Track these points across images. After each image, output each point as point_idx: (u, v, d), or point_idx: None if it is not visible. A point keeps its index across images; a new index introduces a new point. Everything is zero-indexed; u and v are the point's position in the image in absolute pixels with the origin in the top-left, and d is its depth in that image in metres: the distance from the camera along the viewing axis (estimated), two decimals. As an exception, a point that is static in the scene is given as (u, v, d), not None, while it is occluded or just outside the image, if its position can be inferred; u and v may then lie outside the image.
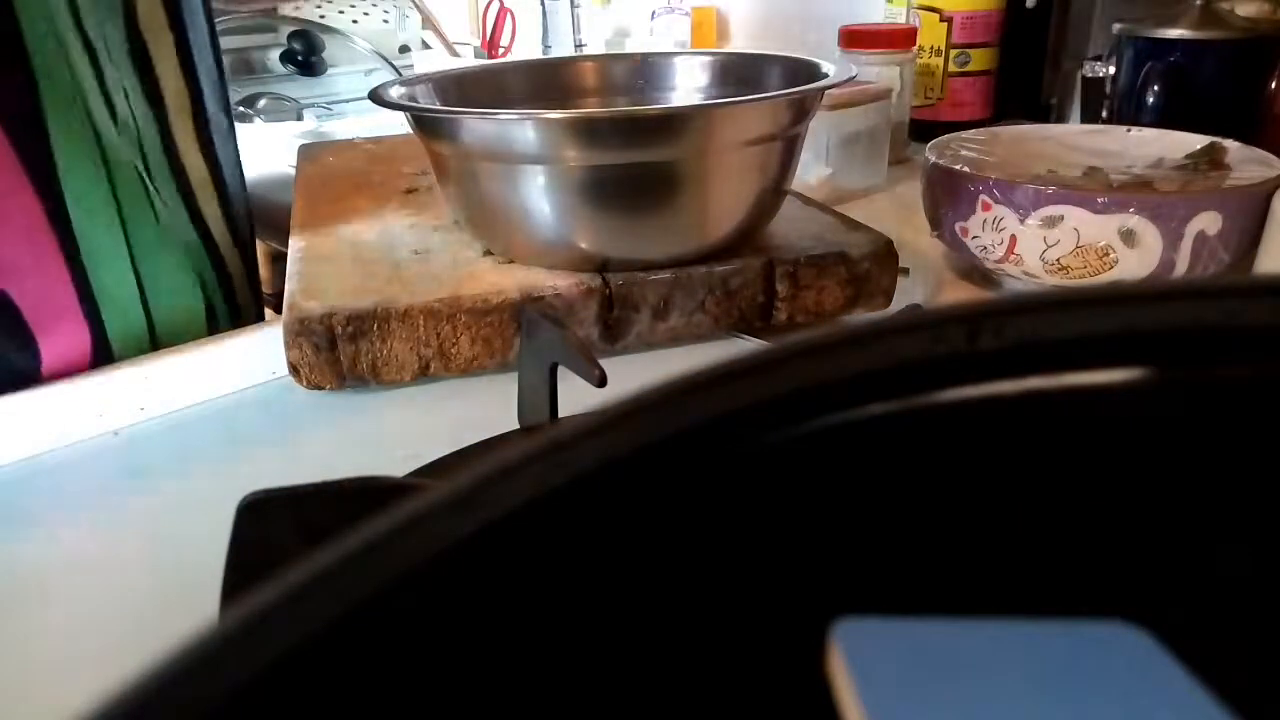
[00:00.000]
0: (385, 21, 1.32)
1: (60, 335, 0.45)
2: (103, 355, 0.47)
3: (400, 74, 1.17)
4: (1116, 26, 0.77)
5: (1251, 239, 0.48)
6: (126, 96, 0.47)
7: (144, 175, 0.48)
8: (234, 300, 0.55)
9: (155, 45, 0.49)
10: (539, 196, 0.43)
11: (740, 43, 1.24)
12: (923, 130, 0.82)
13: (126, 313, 0.48)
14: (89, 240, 0.45)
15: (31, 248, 0.43)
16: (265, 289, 0.92)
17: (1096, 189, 0.50)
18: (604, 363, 0.31)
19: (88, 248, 0.45)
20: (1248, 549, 0.12)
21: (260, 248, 0.89)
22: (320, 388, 0.42)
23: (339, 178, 0.63)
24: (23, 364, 0.44)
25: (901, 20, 0.86)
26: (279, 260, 0.77)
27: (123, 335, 0.47)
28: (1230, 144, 0.54)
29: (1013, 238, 0.49)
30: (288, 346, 0.41)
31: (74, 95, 0.44)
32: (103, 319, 0.46)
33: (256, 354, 0.46)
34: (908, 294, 0.50)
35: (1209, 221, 0.46)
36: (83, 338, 0.46)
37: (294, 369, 0.41)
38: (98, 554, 0.33)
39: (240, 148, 0.60)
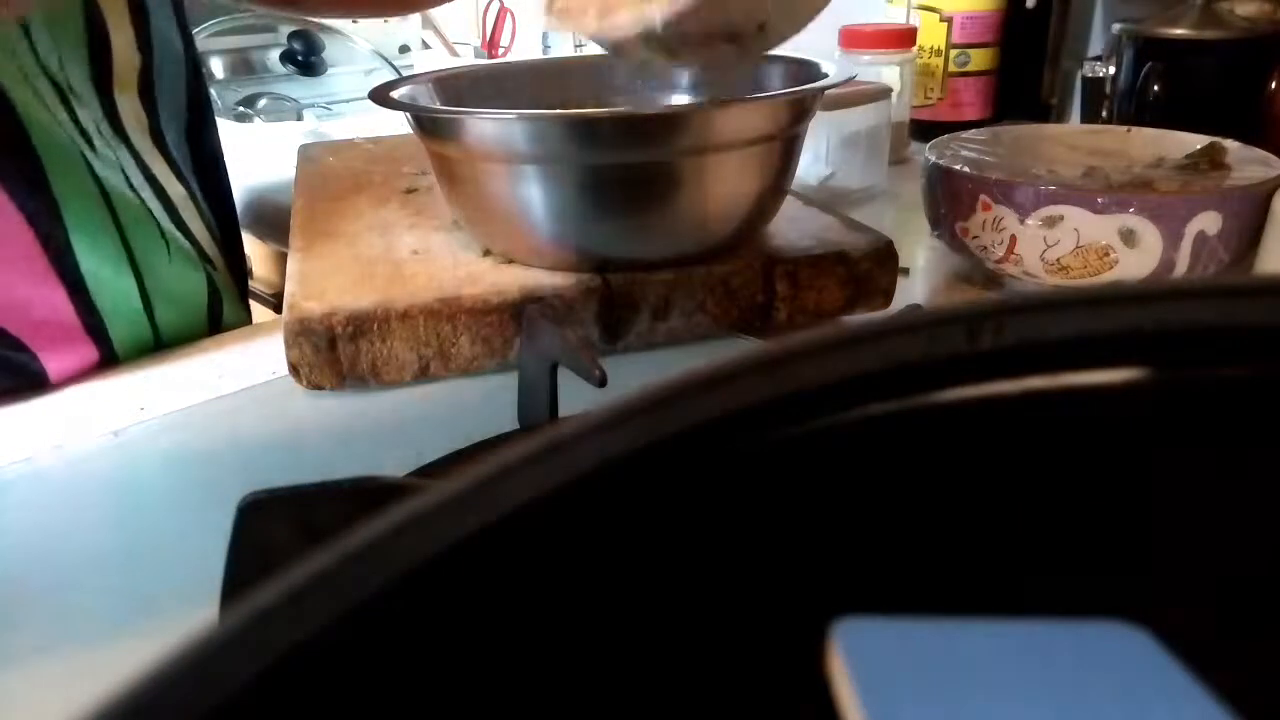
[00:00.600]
0: (385, 21, 1.32)
1: (66, 356, 0.45)
2: (108, 366, 0.47)
3: (400, 74, 1.17)
4: (1116, 26, 0.77)
5: (1251, 239, 0.48)
6: (90, 128, 0.47)
7: (138, 195, 0.48)
8: (229, 304, 0.55)
9: (120, 72, 0.49)
10: (539, 196, 0.43)
11: (740, 43, 1.24)
12: (923, 130, 0.82)
13: (133, 329, 0.48)
14: (92, 266, 0.45)
15: (34, 281, 0.44)
16: (267, 290, 0.92)
17: (1096, 189, 0.50)
18: (604, 363, 0.31)
19: (91, 273, 0.45)
20: (1248, 549, 0.12)
21: (263, 248, 0.90)
22: (320, 388, 0.42)
23: (339, 178, 0.63)
24: (29, 381, 0.44)
25: (901, 20, 0.86)
26: (282, 260, 0.77)
27: (129, 349, 0.48)
28: (1230, 144, 0.54)
29: (1013, 238, 0.49)
30: (288, 346, 0.41)
31: (62, 130, 0.44)
32: (110, 337, 0.47)
33: (256, 354, 0.46)
34: (908, 294, 0.50)
35: (1209, 221, 0.46)
36: (90, 356, 0.46)
37: (294, 369, 0.41)
38: (98, 554, 0.33)
39: (239, 149, 0.60)
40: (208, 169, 0.57)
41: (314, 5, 0.74)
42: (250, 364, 0.45)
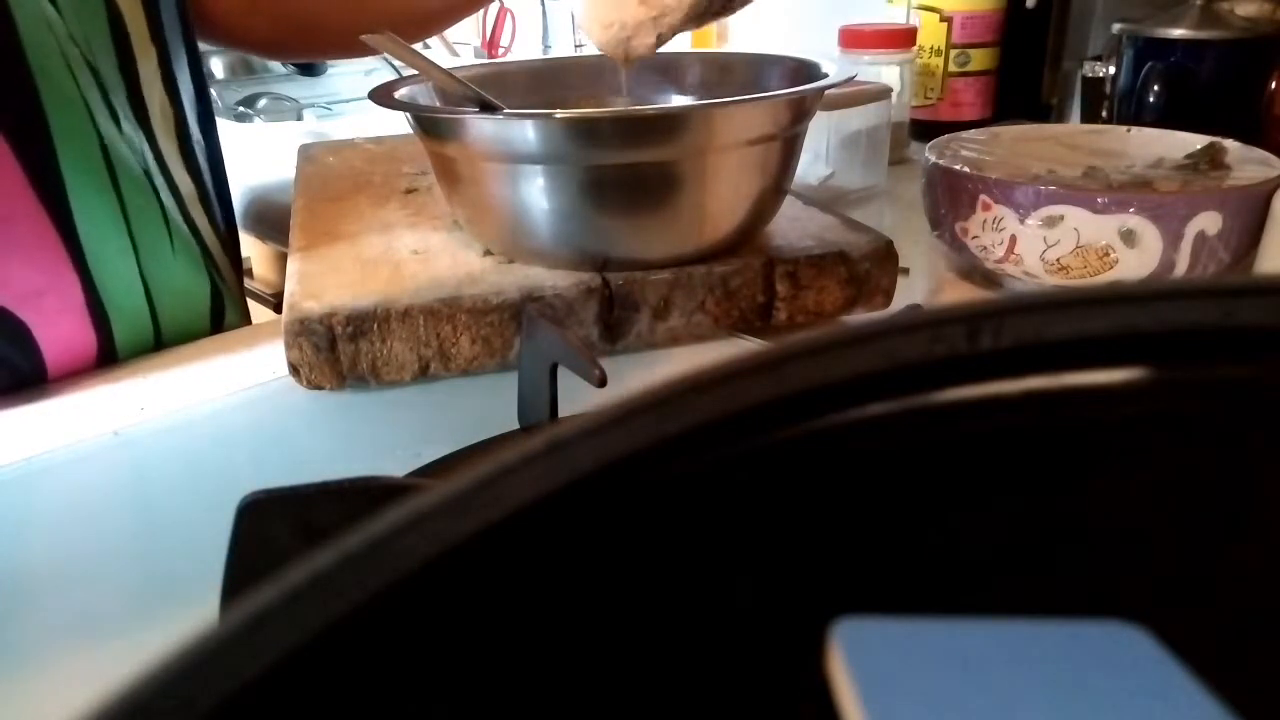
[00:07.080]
0: (385, 21, 1.32)
1: (68, 346, 0.45)
2: (108, 361, 0.47)
3: (400, 74, 1.17)
4: (1116, 26, 0.77)
5: (1251, 239, 0.48)
6: (120, 113, 0.48)
7: (148, 185, 0.48)
8: (230, 305, 0.55)
9: (142, 62, 0.50)
10: (539, 196, 0.43)
11: (740, 43, 1.24)
12: (923, 130, 0.82)
13: (134, 321, 0.48)
14: (97, 252, 0.45)
15: (41, 265, 0.44)
16: (267, 290, 0.92)
17: (1096, 189, 0.50)
18: (604, 363, 0.31)
19: (96, 259, 0.45)
20: (1247, 548, 0.12)
21: (263, 248, 0.90)
22: (320, 388, 0.42)
23: (339, 178, 0.62)
24: (28, 372, 0.44)
25: (901, 20, 0.86)
26: (282, 260, 0.77)
27: (130, 342, 0.48)
28: (1230, 144, 0.54)
29: (1013, 238, 0.49)
30: (288, 346, 0.41)
31: (78, 111, 0.44)
32: (111, 328, 0.47)
33: (256, 354, 0.46)
34: (908, 294, 0.50)
35: (1209, 221, 0.46)
36: (90, 347, 0.46)
37: (294, 369, 0.41)
38: (98, 554, 0.33)
39: (239, 149, 0.61)
40: (215, 166, 0.58)
41: (328, 50, 0.74)
42: (250, 364, 0.45)
